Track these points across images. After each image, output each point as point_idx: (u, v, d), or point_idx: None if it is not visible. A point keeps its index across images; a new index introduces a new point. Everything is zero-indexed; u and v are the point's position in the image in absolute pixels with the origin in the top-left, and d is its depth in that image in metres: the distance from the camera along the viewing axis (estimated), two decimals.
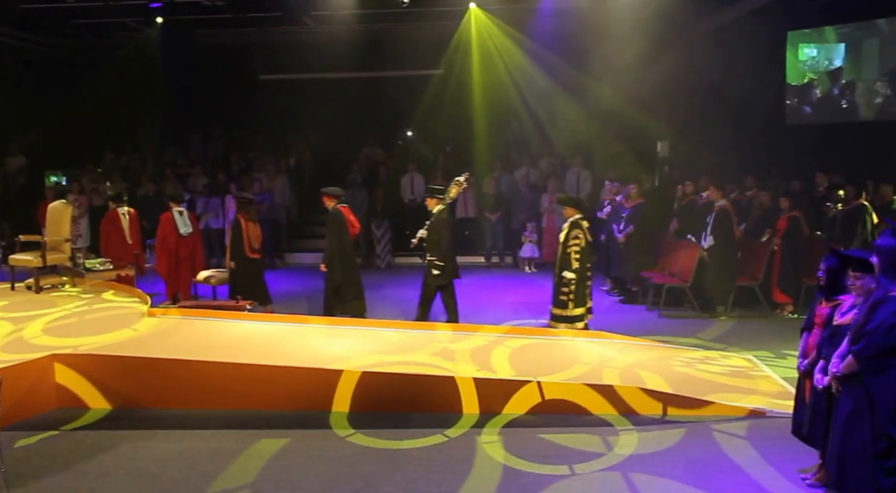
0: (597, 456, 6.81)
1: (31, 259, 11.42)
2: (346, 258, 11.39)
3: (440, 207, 10.91)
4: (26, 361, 7.97)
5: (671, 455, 6.88)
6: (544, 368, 8.43)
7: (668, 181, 15.92)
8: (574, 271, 10.20)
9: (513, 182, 17.45)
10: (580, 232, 10.26)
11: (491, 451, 7.02)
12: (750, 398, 8.04)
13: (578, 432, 7.39)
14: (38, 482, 6.46)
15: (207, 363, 8.21)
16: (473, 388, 7.88)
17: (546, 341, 9.69)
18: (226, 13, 17.38)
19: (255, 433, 7.49)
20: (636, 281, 13.29)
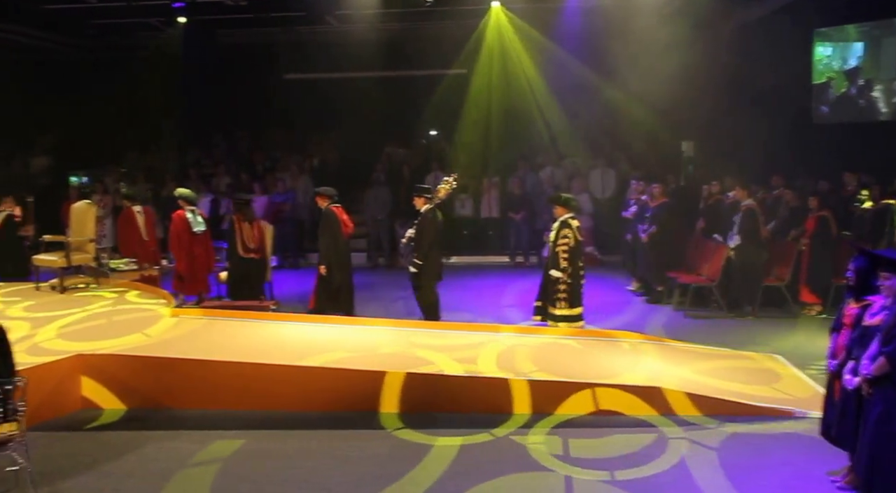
0: (636, 463, 6.69)
1: (56, 260, 11.46)
2: (340, 259, 11.45)
3: (427, 206, 10.94)
4: (52, 361, 7.98)
5: (697, 458, 6.78)
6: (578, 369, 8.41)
7: (693, 181, 15.77)
8: (562, 270, 10.16)
9: (537, 182, 17.36)
10: (569, 231, 10.23)
11: (535, 452, 6.98)
12: (777, 399, 7.97)
13: (623, 433, 7.33)
14: (64, 482, 6.47)
15: (232, 364, 8.21)
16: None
17: (571, 341, 9.62)
18: (248, 13, 17.40)
19: (282, 433, 7.48)
20: (661, 281, 13.16)
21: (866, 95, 15.08)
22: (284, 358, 8.43)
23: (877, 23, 14.85)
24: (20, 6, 16.85)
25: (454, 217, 17.55)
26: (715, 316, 12.00)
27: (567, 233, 10.21)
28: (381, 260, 17.27)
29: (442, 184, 11.24)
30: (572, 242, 10.19)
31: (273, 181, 17.46)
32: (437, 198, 11.07)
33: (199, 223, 12.42)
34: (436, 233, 10.87)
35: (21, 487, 6.25)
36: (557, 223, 10.40)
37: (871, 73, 15.09)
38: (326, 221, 11.46)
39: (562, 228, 10.27)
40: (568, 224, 10.27)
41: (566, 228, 10.25)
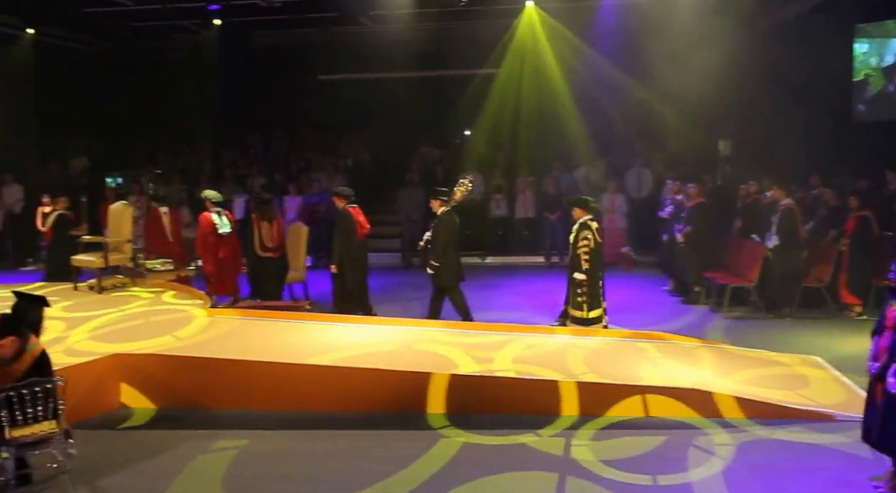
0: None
1: (94, 260, 11.57)
2: (353, 260, 11.54)
3: (444, 208, 10.98)
4: (89, 361, 8.05)
5: (739, 463, 6.68)
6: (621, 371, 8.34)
7: (729, 180, 15.59)
8: (584, 272, 10.14)
9: (572, 182, 17.27)
10: (589, 233, 10.20)
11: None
12: (818, 401, 7.84)
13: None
14: (101, 480, 6.53)
15: (267, 364, 8.23)
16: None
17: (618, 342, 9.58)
18: (283, 14, 17.47)
19: (313, 433, 7.50)
20: (698, 281, 13.02)
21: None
22: (317, 358, 8.44)
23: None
24: (60, 10, 17.06)
25: (489, 217, 17.53)
26: (753, 317, 11.84)
27: (587, 235, 10.19)
28: (416, 260, 17.24)
29: (458, 186, 11.25)
30: (592, 244, 10.18)
31: (308, 182, 17.50)
32: (452, 200, 11.11)
33: (224, 225, 12.51)
34: (451, 235, 10.90)
35: (60, 484, 6.31)
36: (577, 225, 10.38)
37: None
38: (342, 221, 11.61)
39: (581, 230, 10.25)
40: (587, 226, 10.26)
41: (586, 229, 10.23)
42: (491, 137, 18.59)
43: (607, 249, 16.21)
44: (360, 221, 11.69)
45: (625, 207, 16.57)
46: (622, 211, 16.55)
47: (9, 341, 6.14)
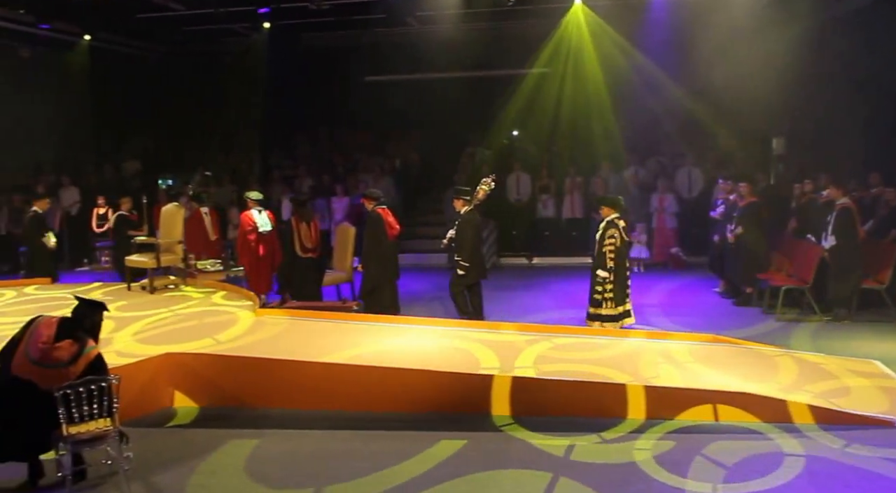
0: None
1: (146, 260, 11.73)
2: (382, 260, 11.61)
3: (467, 208, 11.12)
4: (142, 360, 8.13)
5: (792, 468, 6.53)
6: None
7: (783, 179, 15.33)
8: (608, 270, 10.21)
9: (621, 182, 17.12)
10: (616, 231, 10.27)
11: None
12: (876, 407, 7.62)
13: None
14: (154, 478, 6.59)
15: (317, 365, 8.23)
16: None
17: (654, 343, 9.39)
18: (331, 16, 17.56)
19: (363, 434, 7.46)
20: (750, 283, 12.82)
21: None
22: (364, 359, 8.43)
23: None
24: (115, 16, 17.35)
25: (536, 218, 17.44)
26: (807, 320, 11.60)
27: (613, 233, 10.27)
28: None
29: (481, 185, 11.31)
30: (618, 243, 10.27)
31: (355, 183, 17.56)
32: (476, 199, 11.22)
33: (265, 223, 12.69)
34: (476, 234, 11.09)
35: (115, 481, 6.40)
36: (604, 223, 10.46)
37: None
38: (371, 222, 11.74)
39: (608, 229, 10.33)
40: (614, 224, 10.33)
41: (612, 228, 10.31)
42: (538, 137, 18.52)
43: (657, 249, 16.25)
44: (390, 222, 11.78)
45: (675, 207, 16.38)
46: (672, 211, 16.36)
47: (66, 345, 6.21)
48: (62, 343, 6.20)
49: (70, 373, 6.17)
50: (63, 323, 6.35)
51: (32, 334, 6.24)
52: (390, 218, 11.84)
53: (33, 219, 13.50)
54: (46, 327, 6.27)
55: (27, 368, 6.15)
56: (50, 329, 6.26)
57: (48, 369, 6.14)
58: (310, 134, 21.45)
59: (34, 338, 6.20)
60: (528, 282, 14.78)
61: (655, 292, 13.91)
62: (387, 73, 19.88)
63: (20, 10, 15.75)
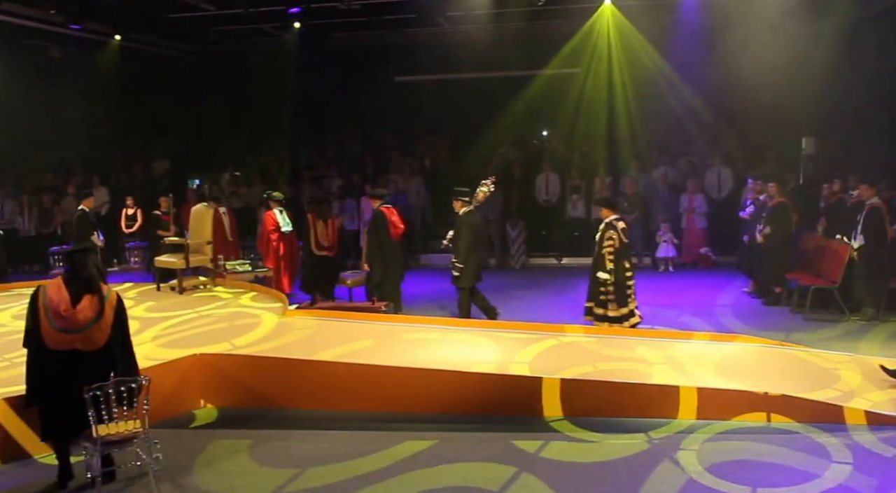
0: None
1: (175, 261, 11.80)
2: (385, 258, 11.81)
3: (465, 209, 11.20)
4: (171, 360, 8.17)
5: (815, 463, 6.54)
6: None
7: (812, 179, 15.17)
8: (608, 271, 10.23)
9: (651, 182, 17.01)
10: (614, 233, 10.29)
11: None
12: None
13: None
14: (184, 479, 6.62)
15: (346, 365, 8.24)
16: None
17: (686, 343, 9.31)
18: (361, 16, 17.59)
19: (394, 435, 7.46)
20: (779, 282, 12.71)
21: None
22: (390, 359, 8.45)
23: None
24: (145, 16, 17.48)
25: (565, 219, 17.37)
26: (836, 319, 11.49)
27: (612, 235, 10.29)
28: (492, 261, 17.17)
29: (480, 187, 11.39)
30: (617, 244, 10.27)
31: (384, 183, 17.57)
32: (475, 201, 11.32)
33: (286, 223, 13.02)
34: (473, 235, 11.14)
35: (144, 482, 6.42)
36: (603, 225, 10.48)
37: None
38: (374, 221, 11.97)
39: (607, 230, 10.36)
40: (613, 226, 10.35)
41: (611, 229, 10.33)
42: (568, 136, 18.44)
43: (686, 249, 16.13)
44: (394, 221, 11.91)
45: (704, 208, 16.24)
46: (701, 211, 16.22)
47: (86, 302, 6.26)
48: (82, 303, 6.24)
49: (104, 325, 6.30)
50: (69, 282, 6.35)
51: (47, 307, 6.22)
52: (394, 217, 11.97)
53: (81, 217, 13.62)
54: (57, 294, 6.26)
55: (63, 338, 6.20)
56: (61, 294, 6.26)
57: (83, 332, 6.22)
58: (340, 134, 21.48)
59: (52, 309, 6.20)
60: (558, 283, 14.72)
61: (685, 291, 13.86)
62: (417, 73, 19.89)
63: (51, 10, 15.88)
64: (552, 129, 19.78)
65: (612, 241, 10.23)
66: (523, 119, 18.98)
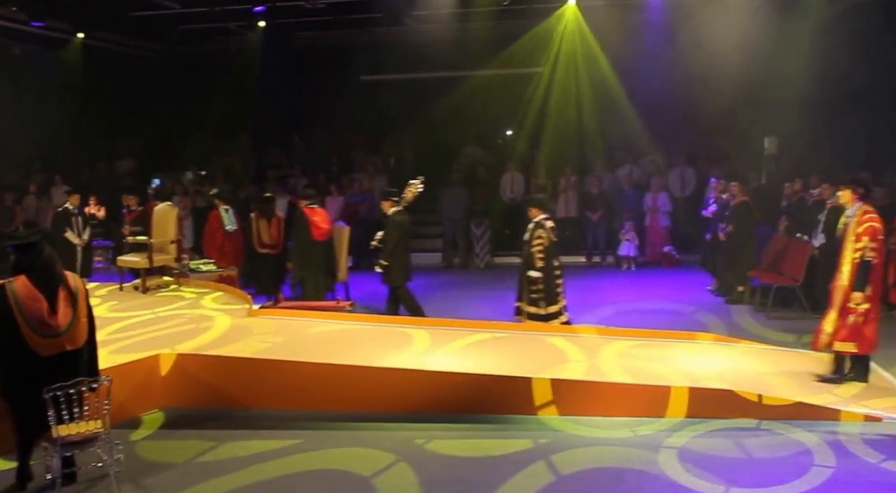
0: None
1: (139, 260, 11.73)
2: (306, 258, 12.03)
3: (395, 209, 11.32)
4: (133, 360, 8.11)
5: (793, 464, 6.59)
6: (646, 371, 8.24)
7: (775, 179, 15.39)
8: (539, 269, 10.32)
9: (615, 181, 17.18)
10: (543, 232, 10.38)
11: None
12: (865, 403, 7.72)
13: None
14: (145, 480, 6.59)
15: (308, 364, 8.23)
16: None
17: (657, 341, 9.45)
18: (327, 15, 17.59)
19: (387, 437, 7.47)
20: (742, 281, 12.89)
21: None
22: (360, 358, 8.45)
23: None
24: (109, 14, 17.36)
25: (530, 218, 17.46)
26: (798, 317, 11.61)
27: (541, 233, 10.38)
28: (456, 260, 17.28)
29: (408, 187, 11.50)
30: (547, 242, 10.36)
31: (349, 182, 17.58)
32: (404, 201, 11.43)
33: (231, 222, 13.24)
34: (401, 235, 11.27)
35: (105, 483, 6.37)
36: (532, 224, 10.56)
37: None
38: (297, 221, 12.23)
39: (536, 229, 10.44)
40: (542, 225, 10.45)
41: (540, 228, 10.42)
42: (533, 136, 18.57)
43: (650, 247, 16.30)
44: (315, 222, 12.04)
45: (668, 206, 16.43)
46: (665, 210, 16.41)
47: (62, 301, 6.21)
48: (58, 306, 6.17)
49: (82, 317, 6.29)
50: (36, 282, 6.20)
51: (24, 314, 6.08)
52: (316, 218, 12.10)
53: (58, 215, 13.61)
54: (31, 299, 6.12)
55: (52, 343, 6.14)
56: (36, 298, 6.13)
57: (70, 331, 6.20)
58: (305, 133, 21.45)
59: (33, 318, 6.09)
60: None
61: (648, 290, 13.99)
62: (383, 72, 19.93)
63: (13, 7, 15.72)
64: (517, 128, 19.89)
65: (542, 239, 10.32)
66: (488, 118, 19.10)
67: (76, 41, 18.55)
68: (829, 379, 8.28)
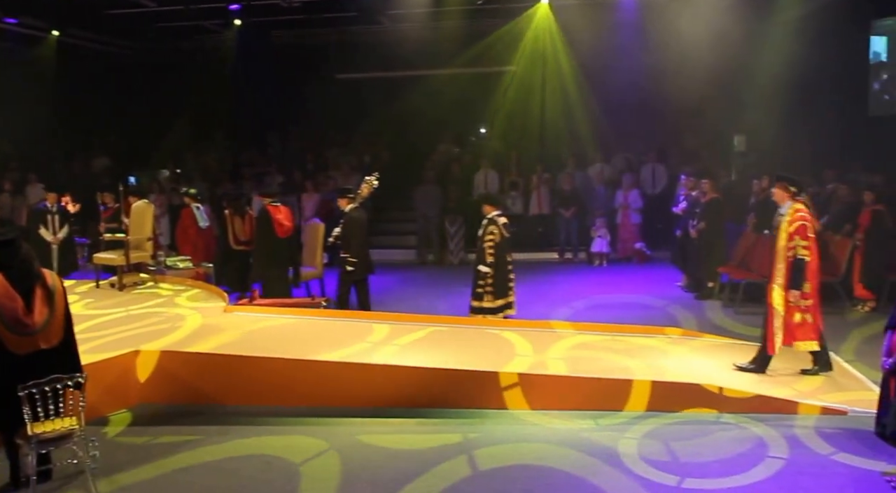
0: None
1: (115, 257, 11.81)
2: (268, 255, 12.09)
3: (352, 205, 11.50)
4: (110, 357, 8.18)
5: (748, 456, 6.71)
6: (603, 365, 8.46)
7: (743, 176, 15.65)
8: (489, 265, 10.59)
9: (587, 178, 17.38)
10: (495, 228, 10.66)
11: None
12: (830, 396, 7.86)
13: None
14: (121, 476, 6.61)
15: (285, 360, 8.36)
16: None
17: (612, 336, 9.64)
18: (302, 14, 17.68)
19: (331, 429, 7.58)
20: (712, 277, 13.10)
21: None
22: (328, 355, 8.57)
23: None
24: (85, 12, 17.36)
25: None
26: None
27: (493, 229, 10.66)
28: (431, 257, 17.44)
29: (364, 183, 11.67)
30: (498, 238, 10.63)
31: (324, 180, 17.69)
32: (359, 197, 11.60)
33: (203, 219, 13.50)
34: (360, 230, 11.48)
35: (81, 480, 6.39)
36: (485, 220, 10.81)
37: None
38: (259, 218, 12.34)
39: (488, 225, 10.72)
40: (494, 221, 10.72)
41: (492, 224, 10.70)
42: (506, 134, 18.76)
43: (621, 244, 16.51)
44: (278, 219, 12.12)
45: (639, 203, 16.64)
46: (636, 207, 16.61)
47: (38, 299, 6.19)
48: (34, 304, 6.16)
49: (59, 314, 6.28)
50: (12, 280, 6.17)
51: (0, 312, 6.07)
52: (279, 215, 12.18)
53: (32, 212, 13.73)
54: (6, 297, 6.09)
55: (27, 341, 6.13)
56: (12, 296, 6.11)
57: (46, 329, 6.20)
58: (281, 131, 21.53)
59: (6, 315, 6.07)
60: None
61: (620, 286, 14.16)
62: (358, 70, 20.02)
63: None
64: (490, 126, 20.07)
65: (493, 235, 10.59)
66: (462, 117, 19.24)
67: (51, 39, 18.54)
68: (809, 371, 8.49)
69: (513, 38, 17.98)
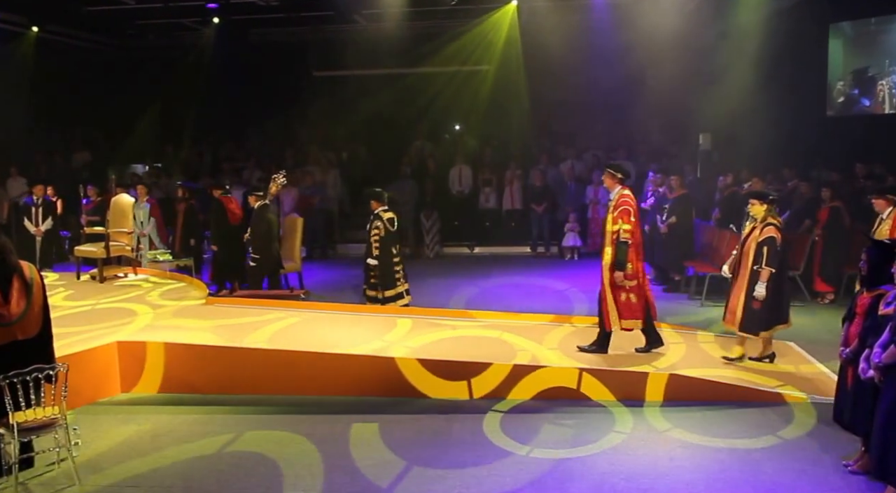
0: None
1: (96, 250, 12.01)
2: (226, 242, 12.60)
3: (260, 203, 11.80)
4: (91, 348, 8.37)
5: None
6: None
7: (709, 173, 16.00)
8: (376, 257, 11.07)
9: (558, 174, 17.69)
10: (380, 223, 11.13)
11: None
12: (791, 384, 8.16)
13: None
14: (103, 465, 6.74)
15: (265, 351, 8.61)
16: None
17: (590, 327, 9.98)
18: (280, 12, 17.89)
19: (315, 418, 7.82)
20: (679, 271, 13.42)
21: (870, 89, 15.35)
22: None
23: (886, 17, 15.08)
24: (65, 8, 17.48)
25: (478, 209, 17.98)
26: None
27: (378, 224, 11.14)
28: (407, 250, 17.64)
29: (272, 182, 11.92)
30: (382, 233, 11.09)
31: (302, 175, 17.90)
32: (269, 195, 11.86)
33: None
34: (269, 227, 11.73)
35: (64, 468, 6.54)
36: (372, 216, 11.27)
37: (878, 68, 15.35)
38: (215, 209, 12.82)
39: (374, 220, 11.20)
40: (379, 216, 11.20)
41: (378, 220, 11.17)
42: (481, 131, 19.06)
43: (591, 238, 16.78)
44: (231, 209, 12.70)
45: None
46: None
47: (15, 291, 6.27)
48: (12, 295, 6.24)
49: (36, 305, 6.37)
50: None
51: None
52: (232, 205, 12.75)
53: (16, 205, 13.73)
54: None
55: (4, 332, 6.20)
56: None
57: (23, 321, 6.28)
58: (260, 127, 21.69)
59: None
60: (471, 271, 15.35)
61: (590, 279, 14.38)
62: (335, 68, 20.21)
63: None
64: (465, 123, 20.34)
65: (378, 230, 11.06)
66: (437, 114, 19.47)
67: (31, 34, 18.57)
68: (642, 349, 8.99)
69: (486, 38, 18.27)
